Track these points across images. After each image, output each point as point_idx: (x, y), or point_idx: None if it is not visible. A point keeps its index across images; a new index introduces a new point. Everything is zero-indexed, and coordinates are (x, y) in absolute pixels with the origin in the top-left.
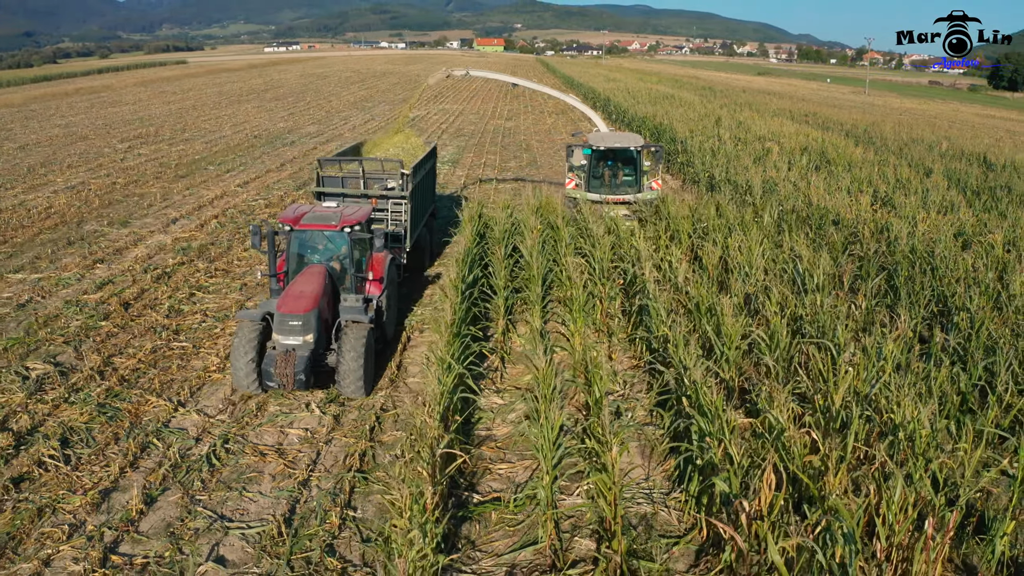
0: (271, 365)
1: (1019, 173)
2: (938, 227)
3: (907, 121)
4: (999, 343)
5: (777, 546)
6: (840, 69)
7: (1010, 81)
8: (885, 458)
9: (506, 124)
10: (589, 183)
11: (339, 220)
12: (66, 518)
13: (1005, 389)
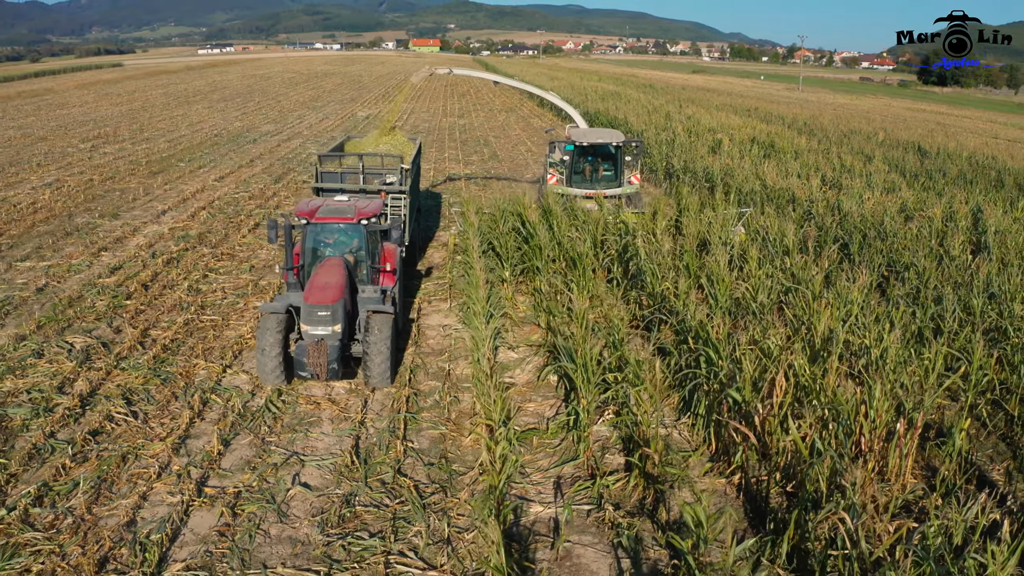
0: (303, 355)
1: (951, 159)
2: (883, 204)
3: (843, 114)
4: (943, 292)
5: (789, 437)
6: (772, 67)
7: (939, 76)
8: (863, 371)
9: (459, 121)
10: (571, 178)
11: (355, 213)
12: (149, 462)
13: (951, 327)
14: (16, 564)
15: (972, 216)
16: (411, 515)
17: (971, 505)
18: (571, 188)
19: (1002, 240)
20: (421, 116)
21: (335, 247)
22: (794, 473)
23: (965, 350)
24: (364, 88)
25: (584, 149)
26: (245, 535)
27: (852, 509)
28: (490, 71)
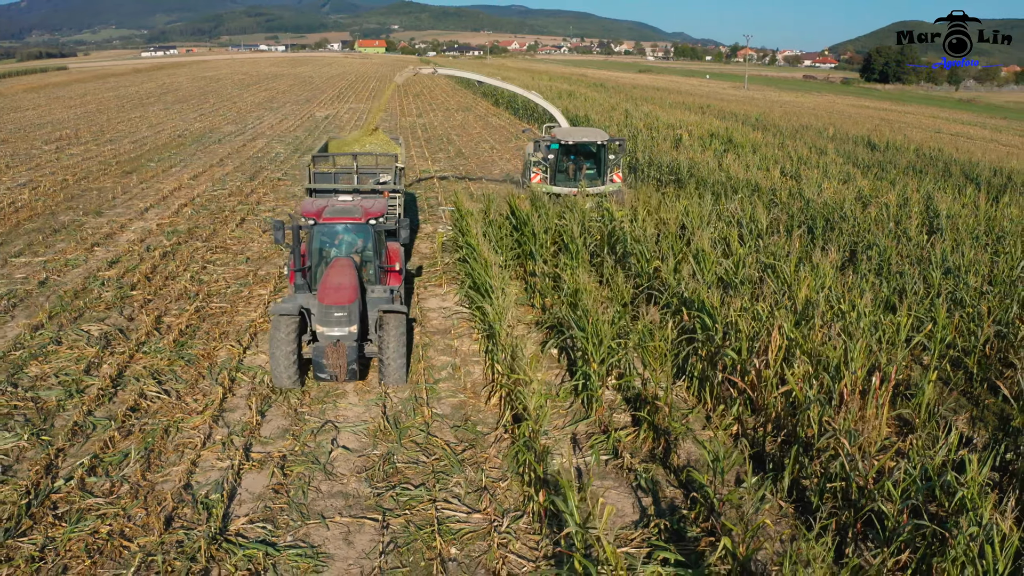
0: (321, 357)
1: (900, 152)
2: (841, 192)
3: (791, 111)
4: (904, 268)
5: (783, 388)
6: (717, 66)
7: (881, 74)
8: (840, 333)
9: (419, 121)
10: (555, 177)
11: (362, 212)
12: (192, 433)
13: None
14: (83, 528)
15: (924, 202)
16: (448, 469)
17: (942, 444)
18: (555, 187)
19: (954, 223)
20: (383, 117)
21: (341, 247)
22: (784, 424)
23: (929, 313)
24: (317, 89)
25: (568, 148)
26: (298, 492)
27: (849, 435)
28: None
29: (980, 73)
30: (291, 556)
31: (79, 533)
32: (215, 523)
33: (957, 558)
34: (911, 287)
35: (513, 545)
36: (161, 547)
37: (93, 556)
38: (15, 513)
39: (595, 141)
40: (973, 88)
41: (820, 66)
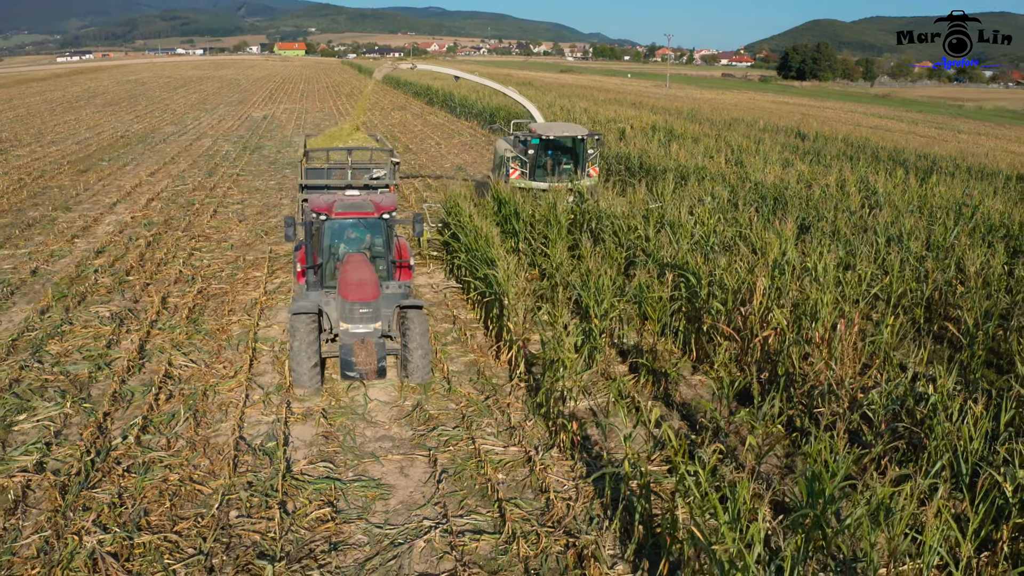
0: (349, 355)
1: (828, 142)
2: (783, 176)
3: (717, 107)
4: (852, 237)
5: (770, 327)
6: (636, 65)
7: (798, 71)
8: (809, 284)
9: (358, 120)
10: (534, 172)
11: (374, 207)
12: (230, 395)
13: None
14: (153, 477)
15: (861, 183)
16: (476, 414)
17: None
18: (534, 182)
19: (890, 200)
20: (317, 116)
21: (352, 243)
22: (764, 366)
23: (882, 268)
24: (247, 91)
25: (546, 143)
26: (347, 437)
27: (833, 360)
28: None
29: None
30: (356, 487)
31: (150, 482)
32: (279, 465)
33: (939, 444)
34: (860, 252)
35: (551, 470)
36: (232, 488)
37: (170, 500)
38: (81, 469)
39: (575, 135)
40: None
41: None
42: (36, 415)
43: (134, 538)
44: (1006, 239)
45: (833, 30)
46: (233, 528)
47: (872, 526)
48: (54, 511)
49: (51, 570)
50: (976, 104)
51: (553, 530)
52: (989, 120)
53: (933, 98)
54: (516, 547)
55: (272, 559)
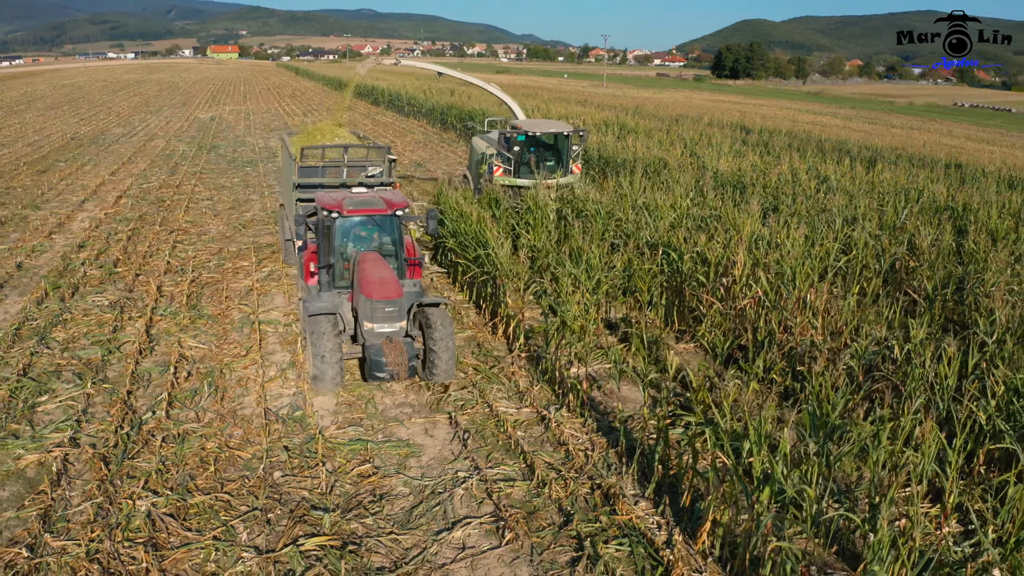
0: (379, 355)
1: (773, 134)
2: (737, 165)
3: (660, 104)
4: (812, 217)
5: (752, 291)
6: (570, 66)
7: (731, 70)
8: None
9: (307, 119)
10: (519, 169)
11: (386, 204)
12: (246, 372)
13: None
14: (191, 447)
15: (812, 171)
16: (484, 381)
17: (878, 328)
18: (520, 179)
19: (842, 186)
20: (265, 117)
21: (362, 242)
22: (744, 333)
23: (848, 241)
24: (187, 94)
25: (530, 140)
26: (367, 405)
27: (816, 318)
28: (303, 76)
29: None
30: (388, 447)
31: (189, 450)
32: (310, 430)
33: (915, 384)
34: (821, 230)
35: (564, 426)
36: (269, 452)
37: (213, 464)
38: (118, 442)
39: (561, 132)
40: (819, 82)
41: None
42: (58, 396)
43: (187, 499)
44: (952, 219)
45: (763, 30)
46: (280, 487)
47: (874, 448)
48: (100, 480)
49: (111, 531)
50: (907, 100)
51: (578, 475)
52: (920, 115)
53: (865, 95)
54: (548, 491)
55: (326, 510)
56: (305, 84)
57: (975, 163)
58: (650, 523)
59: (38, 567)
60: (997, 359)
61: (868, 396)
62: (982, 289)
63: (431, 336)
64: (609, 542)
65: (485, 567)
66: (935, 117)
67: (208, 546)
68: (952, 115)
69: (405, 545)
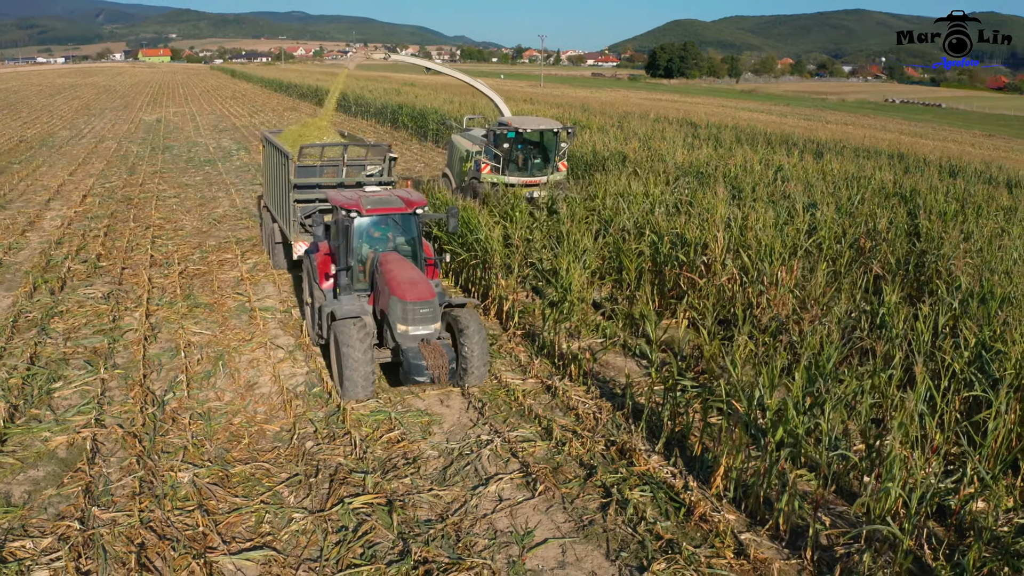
0: (418, 358)
1: (720, 129)
2: (693, 157)
3: (603, 102)
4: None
5: (729, 268)
6: (505, 67)
7: (666, 70)
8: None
9: (254, 120)
10: (507, 167)
11: (404, 202)
12: (254, 355)
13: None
14: (219, 423)
15: (765, 162)
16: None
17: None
18: (508, 177)
19: (795, 173)
20: (210, 118)
21: (379, 242)
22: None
23: (814, 222)
24: (127, 97)
25: (519, 137)
26: (380, 380)
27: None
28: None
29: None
30: (409, 416)
31: (218, 425)
32: (332, 403)
33: (895, 343)
34: (783, 214)
35: (569, 394)
36: (297, 425)
37: (245, 439)
38: (145, 421)
39: (551, 129)
40: (752, 80)
41: (603, 64)
42: (72, 383)
43: (227, 470)
44: (903, 203)
45: (694, 29)
46: (314, 455)
47: (869, 391)
48: (138, 456)
49: (159, 501)
50: (838, 97)
51: (592, 435)
52: (853, 111)
53: (797, 92)
54: (567, 449)
55: (365, 472)
56: (244, 86)
57: (916, 153)
58: (665, 473)
59: (92, 538)
60: (964, 319)
61: (846, 358)
62: (943, 263)
63: (464, 338)
64: (632, 489)
65: (524, 515)
66: (868, 113)
67: (258, 509)
68: (884, 111)
69: (446, 500)
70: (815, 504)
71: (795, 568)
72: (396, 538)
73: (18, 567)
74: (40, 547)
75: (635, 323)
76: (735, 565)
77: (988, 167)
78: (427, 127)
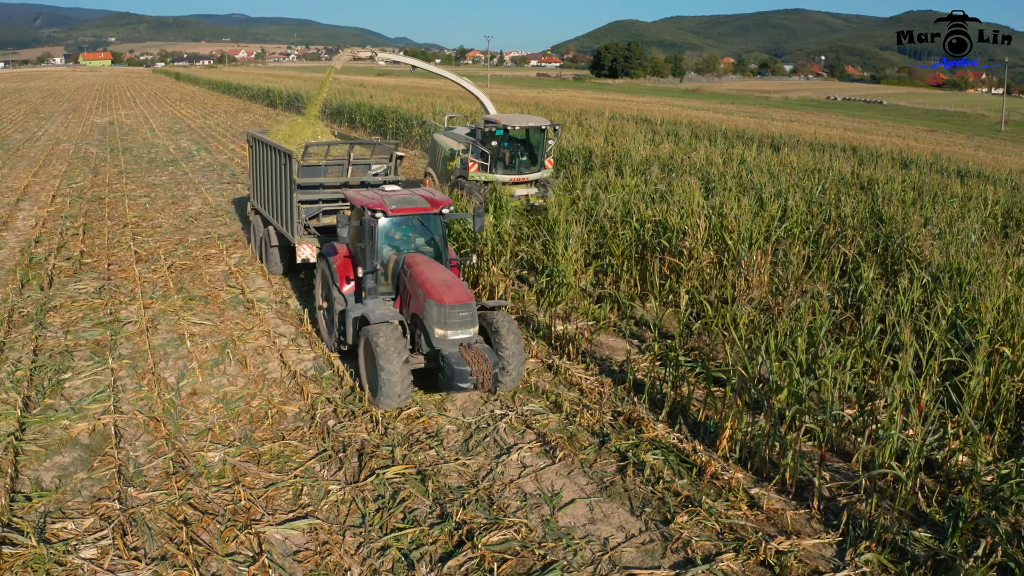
0: (461, 363)
1: (675, 125)
2: (657, 151)
3: (552, 102)
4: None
5: (708, 252)
6: (448, 68)
7: (610, 69)
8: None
9: (207, 122)
10: (495, 165)
11: (430, 202)
12: (258, 342)
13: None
14: (237, 406)
15: (724, 155)
16: None
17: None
18: (497, 175)
19: (758, 166)
20: (164, 120)
21: (401, 243)
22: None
23: (784, 206)
24: (74, 100)
25: (506, 134)
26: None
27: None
28: (183, 81)
29: (700, 65)
30: (422, 395)
31: (237, 408)
32: (347, 385)
33: (874, 315)
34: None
35: (570, 371)
36: (315, 406)
37: (267, 421)
38: (164, 406)
39: (539, 126)
40: (695, 79)
41: (546, 65)
42: (81, 373)
43: (256, 448)
44: (864, 191)
45: (635, 30)
46: (338, 433)
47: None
48: (165, 438)
49: (196, 479)
50: (782, 95)
51: (599, 407)
52: (797, 109)
53: (740, 91)
54: (578, 420)
55: (392, 446)
56: (191, 89)
57: (867, 146)
58: (672, 439)
59: (133, 516)
60: (940, 292)
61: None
62: (912, 243)
63: (499, 341)
64: (646, 453)
65: (548, 479)
66: (811, 110)
67: (294, 483)
68: (827, 108)
69: (473, 468)
70: (820, 458)
71: (804, 517)
72: (433, 504)
73: (64, 547)
74: (83, 527)
75: (622, 306)
76: (750, 515)
77: (938, 159)
78: (386, 126)
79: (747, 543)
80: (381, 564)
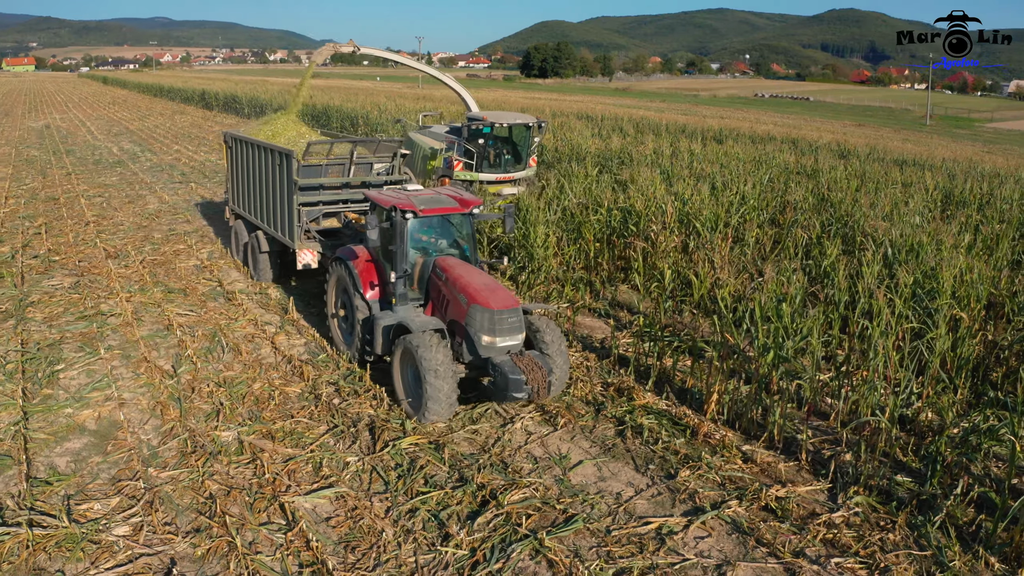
0: (515, 372)
1: (616, 121)
2: (607, 144)
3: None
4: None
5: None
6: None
7: (540, 69)
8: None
9: (144, 124)
10: (481, 164)
11: (459, 202)
12: (246, 330)
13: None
14: (242, 390)
15: (671, 148)
16: None
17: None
18: (483, 174)
19: (706, 157)
20: (102, 123)
21: (436, 244)
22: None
23: (740, 193)
24: (3, 105)
25: (491, 132)
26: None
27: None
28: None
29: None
30: None
31: (240, 390)
32: (344, 366)
33: (842, 287)
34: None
35: None
36: (318, 386)
37: (272, 402)
38: (166, 392)
39: (525, 123)
40: (624, 78)
41: (475, 66)
42: (75, 365)
43: (269, 426)
44: (809, 179)
45: (562, 30)
46: (345, 410)
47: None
48: (174, 422)
49: (216, 457)
50: (710, 93)
51: (589, 378)
52: (726, 106)
53: (670, 89)
54: (572, 391)
55: (401, 420)
56: (121, 93)
57: (805, 139)
58: (662, 405)
59: (158, 494)
60: (900, 265)
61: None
62: (867, 223)
63: (543, 346)
64: (641, 418)
65: (554, 444)
66: (740, 107)
67: (312, 456)
68: (755, 105)
69: (482, 437)
70: (808, 412)
71: (794, 468)
72: (450, 469)
73: (94, 526)
74: (110, 506)
75: (595, 289)
76: (745, 468)
77: (874, 149)
78: (331, 124)
79: (748, 491)
80: (413, 524)
